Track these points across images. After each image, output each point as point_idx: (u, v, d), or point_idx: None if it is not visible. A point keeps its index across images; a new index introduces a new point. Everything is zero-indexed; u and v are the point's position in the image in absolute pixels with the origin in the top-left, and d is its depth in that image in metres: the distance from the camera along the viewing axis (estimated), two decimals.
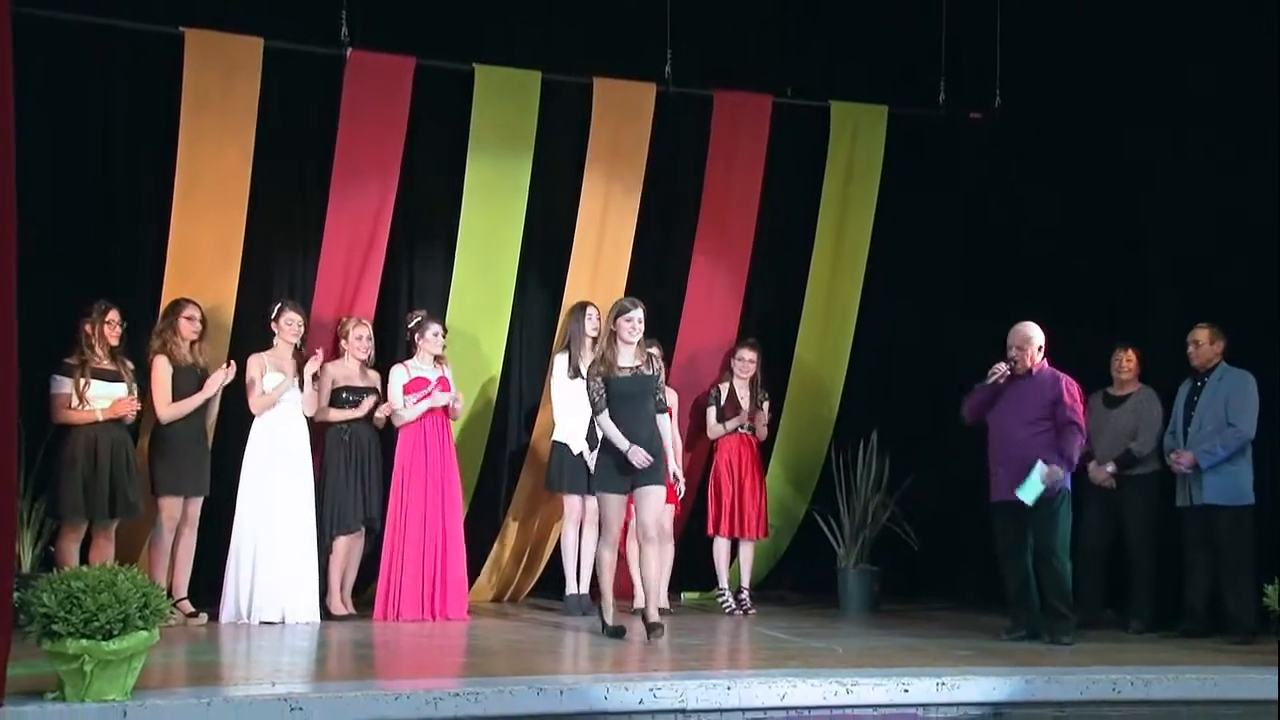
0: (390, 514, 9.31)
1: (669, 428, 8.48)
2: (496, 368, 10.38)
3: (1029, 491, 8.29)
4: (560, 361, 9.99)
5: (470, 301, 10.18)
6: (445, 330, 9.64)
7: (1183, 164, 9.45)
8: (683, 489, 9.00)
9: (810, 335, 11.19)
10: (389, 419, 9.44)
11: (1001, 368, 8.47)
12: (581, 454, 9.64)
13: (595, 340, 9.82)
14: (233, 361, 9.10)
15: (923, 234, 11.19)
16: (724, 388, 10.32)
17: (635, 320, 8.20)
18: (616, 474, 8.23)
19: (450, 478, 9.42)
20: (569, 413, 9.84)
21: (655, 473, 8.25)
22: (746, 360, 10.31)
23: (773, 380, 10.66)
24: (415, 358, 9.52)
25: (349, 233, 9.89)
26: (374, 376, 9.61)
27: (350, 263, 9.90)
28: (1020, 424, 8.44)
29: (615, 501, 8.25)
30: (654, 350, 8.58)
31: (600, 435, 8.33)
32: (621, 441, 8.13)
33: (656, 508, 8.36)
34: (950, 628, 9.18)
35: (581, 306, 10.05)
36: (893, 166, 11.09)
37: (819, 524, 10.59)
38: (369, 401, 9.35)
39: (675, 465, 8.74)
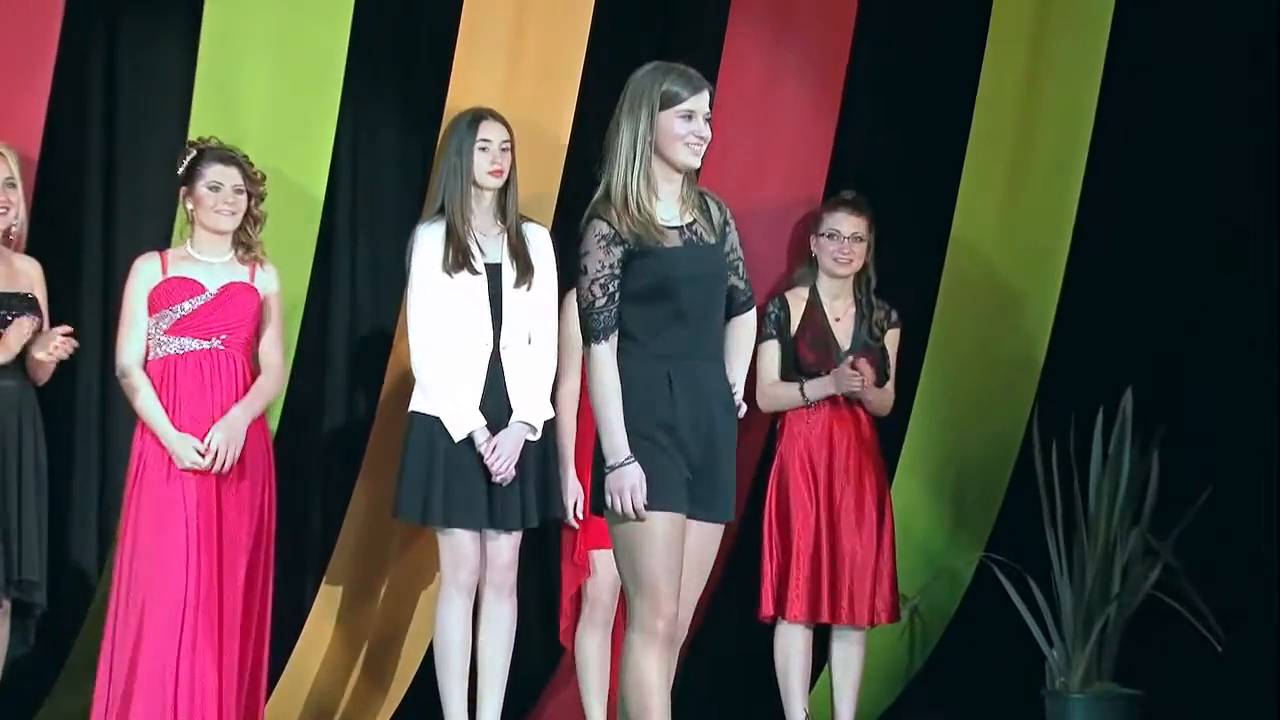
0: (118, 572, 6.27)
1: (750, 343, 5.09)
2: (305, 259, 6.69)
3: None
4: (427, 238, 6.15)
5: (250, 126, 6.51)
6: (258, 179, 6.20)
7: None
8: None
9: (980, 190, 7.07)
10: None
11: None
12: (472, 436, 6.29)
13: (502, 192, 6.15)
14: None
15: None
16: (797, 297, 6.47)
17: (701, 116, 4.71)
18: (674, 471, 4.66)
19: (247, 505, 6.29)
20: (446, 350, 6.16)
21: (721, 495, 4.65)
22: (844, 236, 6.40)
23: (899, 290, 6.77)
24: (190, 242, 6.29)
25: None
26: (30, 273, 6.34)
27: None
28: None
29: (669, 527, 4.60)
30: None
31: (602, 393, 4.75)
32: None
33: (707, 565, 4.76)
34: None
35: (473, 120, 6.32)
36: None
37: (1005, 593, 6.73)
38: (28, 322, 6.16)
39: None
